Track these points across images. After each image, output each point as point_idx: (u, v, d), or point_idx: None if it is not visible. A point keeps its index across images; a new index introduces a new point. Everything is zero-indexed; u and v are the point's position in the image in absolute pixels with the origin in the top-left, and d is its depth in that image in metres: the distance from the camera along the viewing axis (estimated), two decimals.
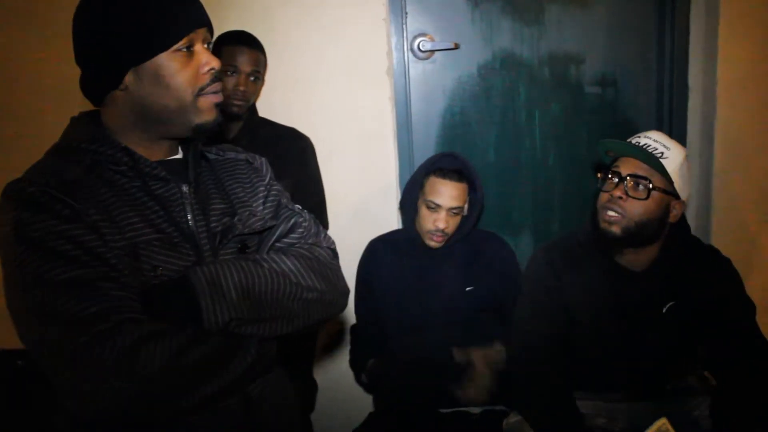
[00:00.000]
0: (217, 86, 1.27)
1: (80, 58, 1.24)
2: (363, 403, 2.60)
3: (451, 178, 2.13)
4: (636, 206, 1.72)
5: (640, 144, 1.75)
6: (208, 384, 1.20)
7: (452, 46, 2.57)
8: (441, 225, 2.13)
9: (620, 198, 1.73)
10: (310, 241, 1.43)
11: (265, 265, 1.28)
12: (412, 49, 2.58)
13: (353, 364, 2.43)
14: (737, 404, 1.70)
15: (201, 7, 1.26)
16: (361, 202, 2.58)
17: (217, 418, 1.28)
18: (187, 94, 1.23)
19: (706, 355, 1.92)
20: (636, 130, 2.65)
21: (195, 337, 1.18)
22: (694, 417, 1.86)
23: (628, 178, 1.74)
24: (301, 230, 1.44)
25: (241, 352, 1.25)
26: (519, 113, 2.68)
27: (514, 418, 1.93)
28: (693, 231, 2.71)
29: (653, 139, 1.76)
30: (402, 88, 2.58)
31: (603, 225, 1.76)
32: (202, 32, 1.25)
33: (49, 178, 1.16)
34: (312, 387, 2.58)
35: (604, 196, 1.78)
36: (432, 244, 2.19)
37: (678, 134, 2.66)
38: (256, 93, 2.34)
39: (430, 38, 2.58)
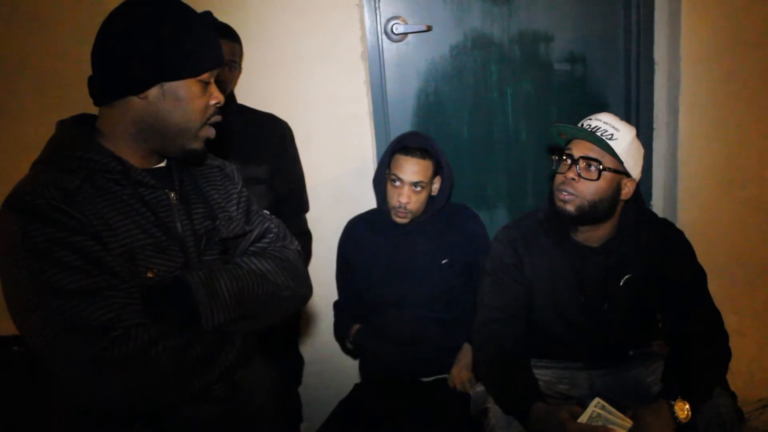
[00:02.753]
0: (217, 118, 1.40)
1: (107, 57, 1.30)
2: (348, 375, 2.68)
3: (413, 155, 2.23)
4: (588, 187, 1.81)
5: (591, 126, 1.82)
6: (204, 375, 1.34)
7: (425, 28, 2.61)
8: (403, 200, 2.21)
9: (573, 179, 1.81)
10: (278, 244, 1.56)
11: (245, 267, 1.42)
12: (386, 32, 2.62)
13: (337, 335, 2.53)
14: (685, 367, 1.79)
15: (221, 47, 1.39)
16: (339, 183, 2.65)
17: (208, 403, 1.42)
18: (197, 120, 1.36)
19: (662, 323, 2.02)
20: (604, 105, 2.75)
21: (193, 335, 1.31)
22: (648, 383, 1.95)
23: (580, 160, 1.81)
24: (272, 235, 1.57)
25: (227, 346, 1.39)
26: (491, 91, 2.73)
27: (480, 387, 2.03)
28: (660, 200, 2.81)
29: (603, 121, 1.82)
30: (377, 71, 2.63)
31: (559, 204, 1.85)
32: (218, 69, 1.38)
33: (52, 190, 1.23)
34: (298, 362, 2.68)
35: (559, 178, 1.86)
36: (398, 220, 2.27)
37: (645, 107, 2.73)
38: (233, 81, 2.40)
39: (403, 21, 2.62)
